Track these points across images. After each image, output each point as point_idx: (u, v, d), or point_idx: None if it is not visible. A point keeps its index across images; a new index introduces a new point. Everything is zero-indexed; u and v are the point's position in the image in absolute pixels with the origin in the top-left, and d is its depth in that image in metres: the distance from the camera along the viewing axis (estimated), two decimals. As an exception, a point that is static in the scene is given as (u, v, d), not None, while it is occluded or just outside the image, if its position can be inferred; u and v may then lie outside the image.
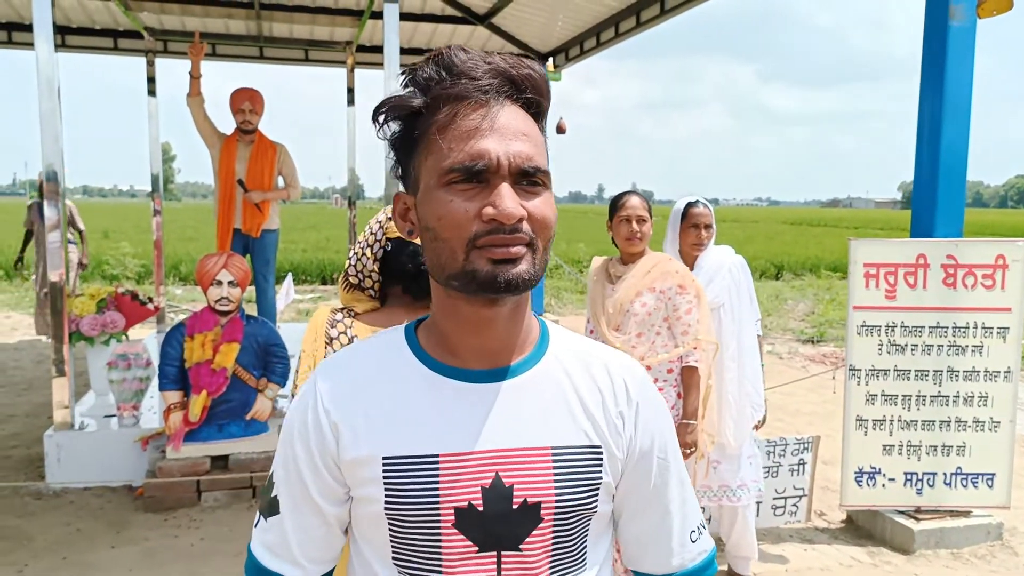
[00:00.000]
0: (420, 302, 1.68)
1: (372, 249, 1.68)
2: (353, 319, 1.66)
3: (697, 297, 2.98)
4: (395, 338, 0.98)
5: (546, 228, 0.88)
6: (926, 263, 3.84)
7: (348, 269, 1.71)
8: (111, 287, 4.93)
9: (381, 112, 0.91)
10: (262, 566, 0.97)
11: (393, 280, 1.68)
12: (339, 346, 1.60)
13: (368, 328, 1.63)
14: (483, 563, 0.90)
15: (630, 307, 2.96)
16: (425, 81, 0.88)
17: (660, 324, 2.97)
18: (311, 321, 1.66)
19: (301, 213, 53.39)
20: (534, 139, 0.89)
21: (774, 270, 17.83)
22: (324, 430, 0.92)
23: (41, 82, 4.15)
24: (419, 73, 0.89)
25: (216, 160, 5.70)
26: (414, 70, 0.90)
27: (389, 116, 0.91)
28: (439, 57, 0.88)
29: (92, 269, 14.96)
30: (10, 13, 7.70)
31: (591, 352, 0.99)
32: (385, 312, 1.68)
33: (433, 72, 0.88)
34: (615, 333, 2.99)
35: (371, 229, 1.71)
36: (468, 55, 0.88)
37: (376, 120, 0.91)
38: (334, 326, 1.63)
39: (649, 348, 2.96)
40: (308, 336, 1.64)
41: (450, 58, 0.88)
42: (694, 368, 2.99)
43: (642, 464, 0.97)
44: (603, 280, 3.13)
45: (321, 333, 1.62)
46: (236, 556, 3.53)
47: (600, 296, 3.10)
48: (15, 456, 4.87)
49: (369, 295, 1.71)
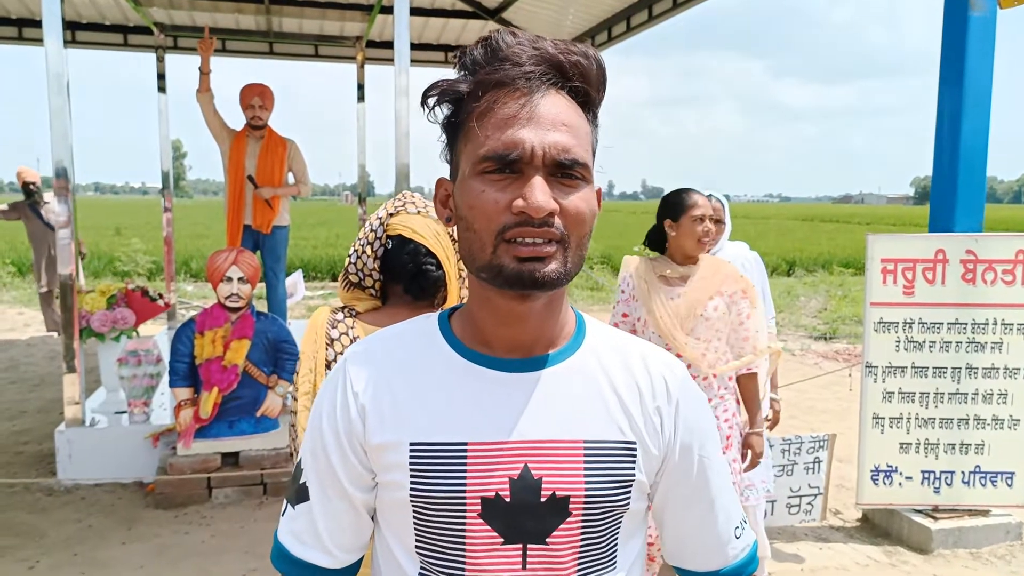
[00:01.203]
0: (421, 302, 1.63)
1: (372, 247, 1.62)
2: (354, 319, 1.61)
3: (753, 302, 2.83)
4: (428, 325, 0.97)
5: (580, 224, 0.85)
6: (945, 258, 3.78)
7: (348, 267, 1.66)
8: (122, 283, 4.93)
9: (428, 95, 0.88)
10: (290, 555, 0.95)
11: (393, 279, 1.63)
12: (340, 347, 1.55)
13: (369, 328, 1.57)
14: (508, 556, 0.88)
15: (703, 310, 2.74)
16: (472, 65, 0.86)
17: (724, 329, 2.79)
18: (311, 322, 1.61)
19: (311, 209, 53.56)
20: (576, 130, 0.85)
21: (786, 266, 17.73)
22: (352, 414, 0.91)
23: (50, 78, 4.14)
24: (467, 56, 0.87)
25: (226, 156, 5.68)
26: (463, 53, 0.87)
27: (436, 100, 0.88)
28: (487, 40, 0.86)
29: (103, 265, 15.05)
30: (20, 9, 7.71)
31: (629, 347, 0.97)
32: (387, 311, 1.63)
33: (480, 55, 0.86)
34: (691, 339, 2.73)
35: (371, 226, 1.65)
36: (516, 39, 0.85)
37: (424, 103, 0.89)
38: (335, 326, 1.58)
39: (716, 354, 2.77)
40: (308, 337, 1.58)
41: (497, 42, 0.85)
42: (754, 375, 2.85)
43: (683, 462, 0.95)
44: (656, 282, 2.81)
45: (322, 334, 1.57)
46: (246, 552, 3.52)
47: (661, 300, 2.77)
48: (27, 452, 4.88)
49: (370, 294, 1.66)
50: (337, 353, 1.55)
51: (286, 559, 0.95)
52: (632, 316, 2.88)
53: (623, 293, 2.90)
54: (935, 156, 3.98)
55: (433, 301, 1.64)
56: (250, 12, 6.84)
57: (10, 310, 11.10)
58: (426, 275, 1.59)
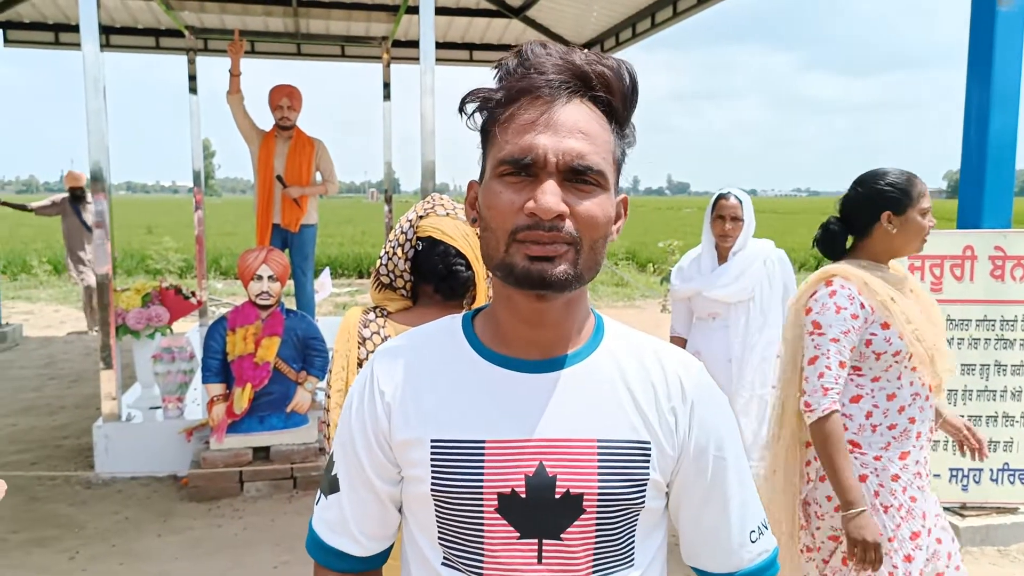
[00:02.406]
0: (452, 301, 1.67)
1: (403, 249, 1.66)
2: (385, 319, 1.66)
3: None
4: (452, 325, 1.00)
5: (593, 229, 0.87)
6: (973, 255, 3.75)
7: (379, 268, 1.70)
8: (155, 282, 5.04)
9: (465, 103, 0.92)
10: (323, 542, 1.01)
11: (423, 280, 1.67)
12: (372, 346, 1.60)
13: (400, 328, 1.62)
14: (524, 549, 0.91)
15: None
16: (504, 74, 0.90)
17: None
18: (343, 321, 1.67)
19: (338, 208, 53.93)
20: (594, 138, 0.88)
21: (814, 262, 17.55)
22: (378, 411, 0.96)
23: (88, 82, 4.25)
24: (503, 65, 0.91)
25: (255, 156, 5.78)
26: (500, 63, 0.91)
27: (470, 107, 0.92)
28: (520, 50, 0.90)
29: (136, 263, 15.33)
30: (57, 14, 7.90)
31: (646, 347, 0.98)
32: (417, 311, 1.67)
33: (511, 65, 0.90)
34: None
35: (401, 228, 1.69)
36: (545, 50, 0.89)
37: (462, 111, 0.93)
38: (367, 326, 1.63)
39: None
40: (341, 336, 1.64)
41: (526, 52, 0.89)
42: None
43: (698, 461, 0.96)
44: (893, 291, 2.14)
45: (354, 333, 1.63)
46: (278, 545, 3.60)
47: (914, 310, 2.13)
48: (66, 446, 5.02)
49: (400, 294, 1.70)
50: (369, 352, 1.60)
51: (318, 546, 1.01)
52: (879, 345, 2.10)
53: (858, 319, 2.08)
54: (963, 152, 3.95)
55: (462, 301, 1.69)
56: (278, 14, 6.94)
57: (47, 307, 11.36)
58: (456, 275, 1.63)
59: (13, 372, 7.13)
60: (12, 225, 22.66)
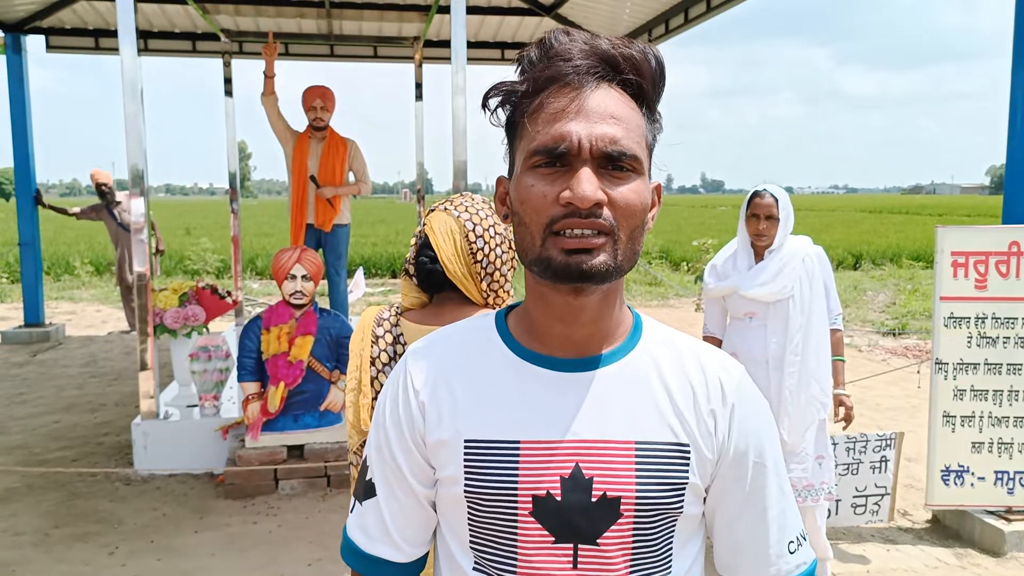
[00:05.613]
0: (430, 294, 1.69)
1: (415, 239, 1.72)
2: (399, 316, 1.68)
3: None
4: (486, 323, 0.98)
5: (630, 216, 0.84)
6: (1020, 251, 3.63)
7: (407, 259, 1.75)
8: (192, 282, 5.11)
9: (488, 98, 0.90)
10: (359, 550, 0.97)
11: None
12: (384, 344, 1.63)
13: (415, 325, 1.64)
14: (559, 554, 0.88)
15: None
16: (528, 65, 0.88)
17: None
18: (359, 321, 1.69)
19: (371, 207, 54.40)
20: (627, 122, 0.85)
21: (852, 260, 17.23)
22: (413, 410, 0.93)
23: (126, 86, 4.32)
24: (524, 57, 0.88)
25: (289, 157, 5.84)
26: (522, 55, 0.89)
27: (494, 101, 0.90)
28: (542, 40, 0.87)
29: (175, 264, 15.61)
30: (96, 20, 8.06)
31: (685, 347, 0.95)
32: (432, 309, 1.68)
33: (534, 55, 0.87)
34: None
35: (420, 221, 1.75)
36: (569, 37, 0.86)
37: (485, 106, 0.91)
38: (380, 324, 1.66)
39: None
40: (356, 335, 1.67)
41: (550, 41, 0.87)
42: None
43: (736, 467, 0.92)
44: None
45: (368, 332, 1.65)
46: (312, 542, 3.62)
47: None
48: (106, 443, 5.12)
49: (415, 284, 1.73)
50: (381, 350, 1.63)
51: (355, 554, 0.98)
52: None
53: None
54: (1008, 145, 3.83)
55: (433, 295, 1.69)
56: (312, 16, 7.00)
57: (89, 307, 11.62)
58: (435, 274, 1.64)
59: (57, 370, 7.30)
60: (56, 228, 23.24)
